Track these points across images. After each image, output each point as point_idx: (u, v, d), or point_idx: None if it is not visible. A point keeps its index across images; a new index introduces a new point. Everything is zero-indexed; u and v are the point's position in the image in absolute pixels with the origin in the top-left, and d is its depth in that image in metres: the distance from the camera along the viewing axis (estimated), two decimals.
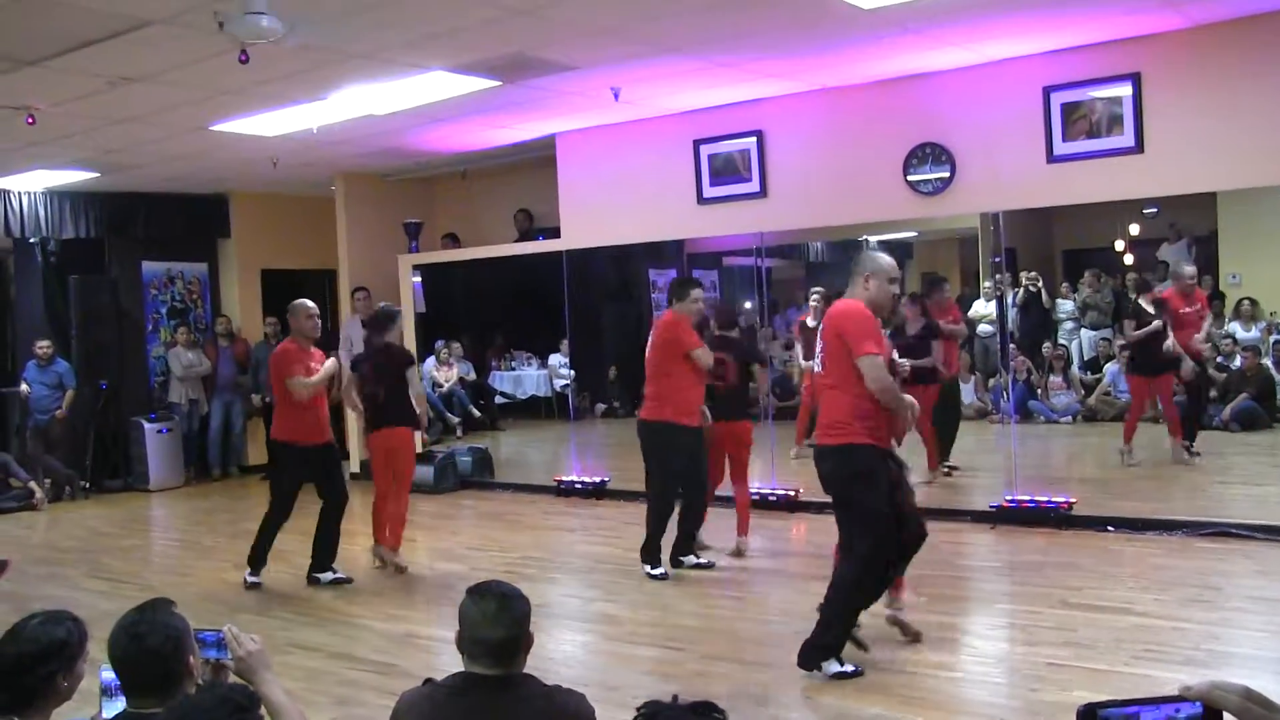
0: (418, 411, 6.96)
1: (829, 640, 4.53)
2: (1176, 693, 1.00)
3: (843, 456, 4.52)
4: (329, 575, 6.85)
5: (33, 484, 10.20)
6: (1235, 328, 9.66)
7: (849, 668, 4.54)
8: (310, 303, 6.93)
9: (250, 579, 6.81)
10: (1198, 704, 0.99)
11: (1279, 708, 0.99)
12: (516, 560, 7.16)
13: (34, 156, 8.76)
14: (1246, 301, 9.68)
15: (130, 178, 10.16)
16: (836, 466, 4.56)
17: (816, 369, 4.75)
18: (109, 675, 2.60)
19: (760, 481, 8.46)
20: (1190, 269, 8.55)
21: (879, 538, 4.47)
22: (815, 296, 9.24)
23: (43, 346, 10.51)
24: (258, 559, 6.83)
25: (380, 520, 7.12)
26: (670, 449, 6.30)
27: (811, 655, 4.55)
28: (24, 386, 10.54)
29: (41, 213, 10.67)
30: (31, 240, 11.03)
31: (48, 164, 9.23)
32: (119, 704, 2.55)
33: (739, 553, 6.76)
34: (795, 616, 5.42)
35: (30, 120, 7.04)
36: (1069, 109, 7.05)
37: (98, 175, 9.83)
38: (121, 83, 6.50)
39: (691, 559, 6.58)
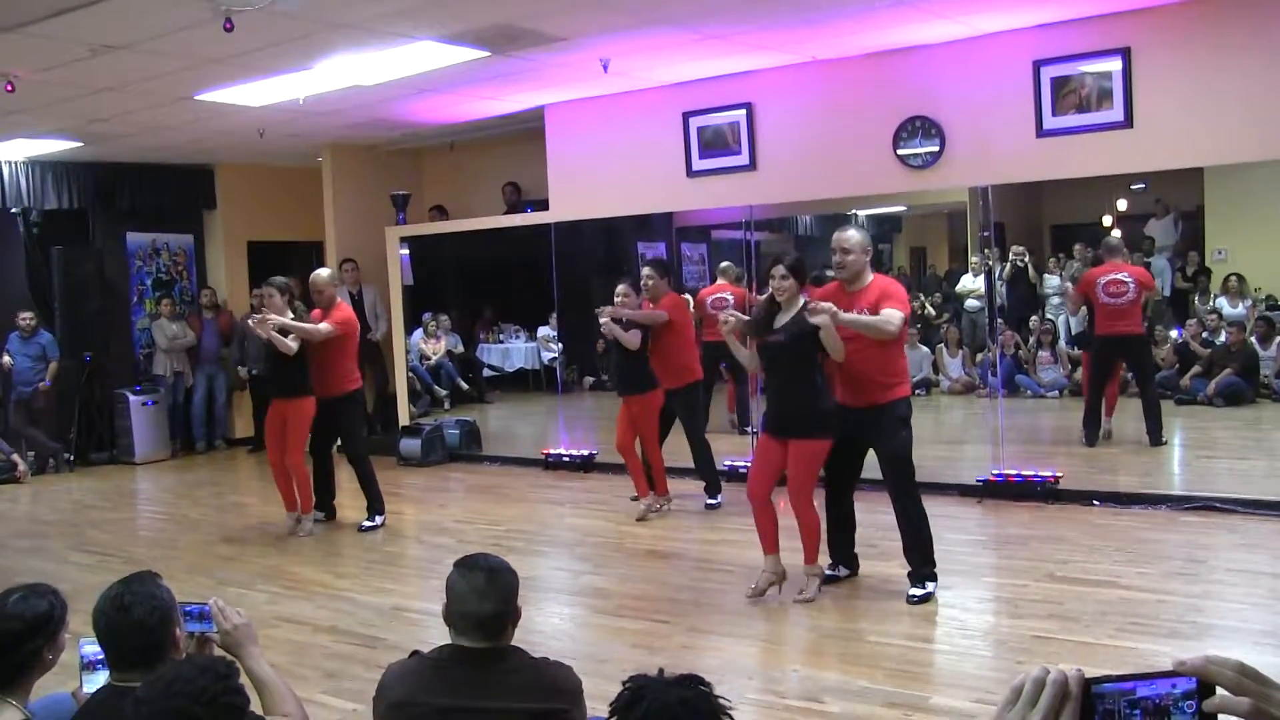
0: None
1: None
2: (1170, 667, 0.99)
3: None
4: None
5: (15, 456, 10.13)
6: (1222, 303, 9.68)
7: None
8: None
9: (376, 522, 7.46)
10: (1192, 679, 0.98)
11: (1272, 682, 0.98)
12: (504, 533, 7.16)
13: (15, 125, 8.65)
14: (1234, 278, 9.69)
15: (115, 148, 10.06)
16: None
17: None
18: (91, 649, 2.58)
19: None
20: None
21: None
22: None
23: (25, 318, 10.41)
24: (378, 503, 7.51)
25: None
26: None
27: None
28: (5, 358, 10.44)
29: (23, 182, 10.56)
30: (13, 210, 10.88)
31: (29, 133, 9.12)
32: (100, 677, 2.54)
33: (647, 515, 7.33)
34: (784, 590, 5.43)
35: (9, 87, 6.94)
36: (1059, 83, 7.03)
37: (81, 145, 9.72)
38: (104, 50, 6.41)
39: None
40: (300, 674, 4.50)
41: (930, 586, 5.23)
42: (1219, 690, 0.97)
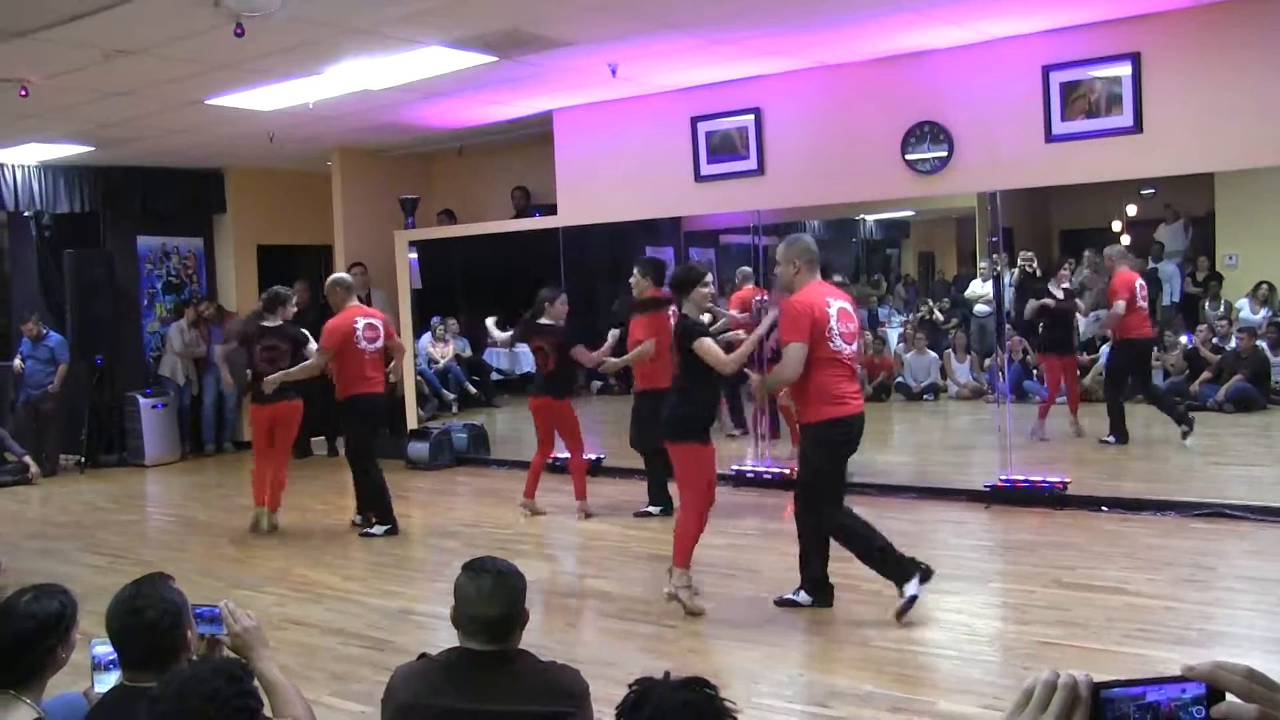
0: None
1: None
2: (1180, 673, 0.99)
3: None
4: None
5: (27, 458, 10.18)
6: (1243, 304, 9.64)
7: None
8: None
9: (375, 531, 7.42)
10: (1202, 684, 0.98)
11: None
12: (511, 536, 7.17)
13: (27, 129, 8.70)
14: (1266, 285, 9.64)
15: (125, 152, 10.10)
16: None
17: (849, 350, 5.11)
18: (102, 650, 2.60)
19: (754, 460, 8.52)
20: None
21: None
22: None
23: (28, 326, 10.47)
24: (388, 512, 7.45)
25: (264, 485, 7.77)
26: None
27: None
28: (17, 361, 10.53)
29: (36, 187, 10.61)
30: (26, 214, 10.95)
31: (42, 137, 9.17)
32: (112, 677, 2.56)
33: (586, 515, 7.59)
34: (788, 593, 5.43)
35: (23, 93, 6.99)
36: (1068, 88, 7.02)
37: (92, 149, 9.77)
38: (116, 55, 6.45)
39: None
40: (308, 676, 4.51)
41: (911, 587, 4.97)
42: (1228, 696, 0.97)
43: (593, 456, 9.22)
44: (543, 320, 7.55)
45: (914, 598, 4.96)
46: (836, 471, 5.24)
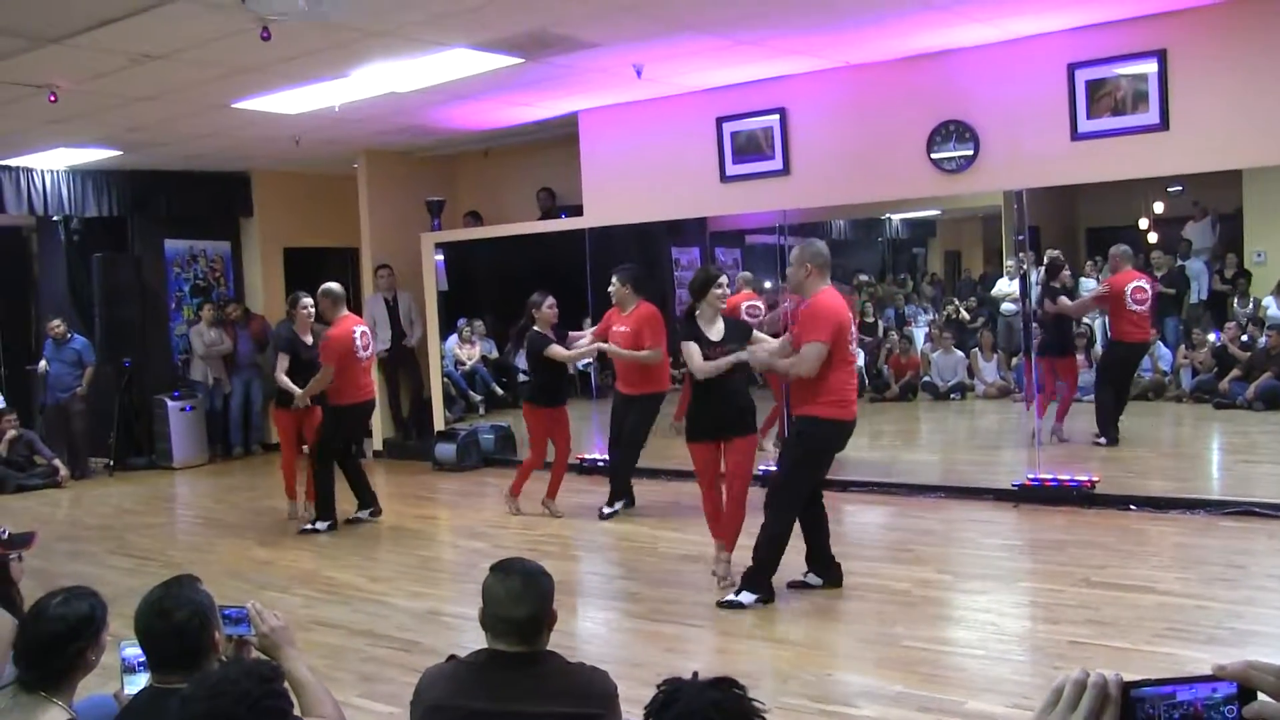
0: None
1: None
2: (1210, 672, 0.99)
3: None
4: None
5: (57, 461, 10.30)
6: (1270, 302, 9.52)
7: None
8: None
9: (318, 528, 7.66)
10: (1233, 683, 0.97)
11: None
12: (538, 538, 7.18)
13: (56, 134, 8.79)
14: None
15: (153, 156, 10.19)
16: None
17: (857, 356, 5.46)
18: (132, 652, 2.63)
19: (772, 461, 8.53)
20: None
21: None
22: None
23: (54, 326, 10.57)
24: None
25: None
26: None
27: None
28: (42, 364, 10.64)
29: (64, 191, 10.71)
30: (54, 219, 11.08)
31: (70, 142, 9.26)
32: (141, 679, 2.58)
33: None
34: (816, 594, 5.43)
35: (52, 98, 7.07)
36: (1094, 86, 6.97)
37: (120, 153, 9.86)
38: (143, 60, 6.51)
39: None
40: (337, 678, 4.53)
41: (745, 598, 5.28)
42: (1260, 695, 0.96)
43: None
44: (535, 329, 7.58)
45: (738, 604, 5.26)
46: (811, 471, 5.42)
